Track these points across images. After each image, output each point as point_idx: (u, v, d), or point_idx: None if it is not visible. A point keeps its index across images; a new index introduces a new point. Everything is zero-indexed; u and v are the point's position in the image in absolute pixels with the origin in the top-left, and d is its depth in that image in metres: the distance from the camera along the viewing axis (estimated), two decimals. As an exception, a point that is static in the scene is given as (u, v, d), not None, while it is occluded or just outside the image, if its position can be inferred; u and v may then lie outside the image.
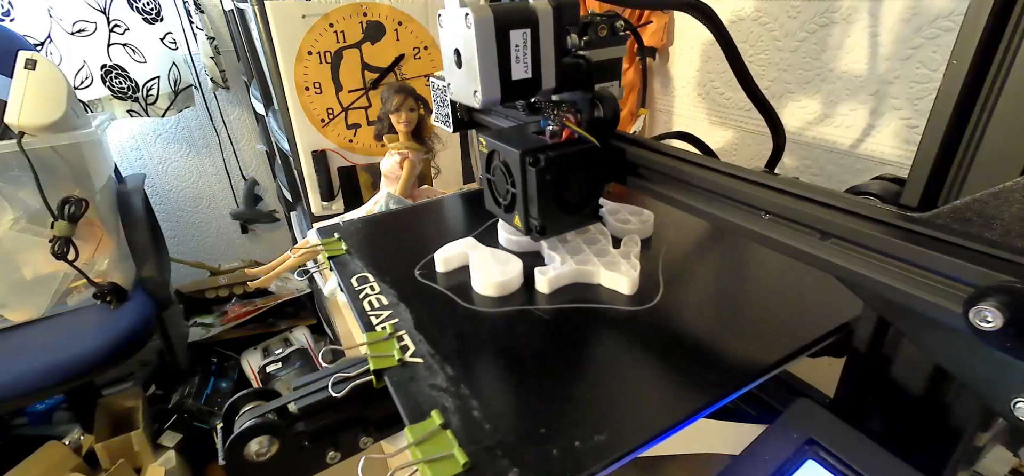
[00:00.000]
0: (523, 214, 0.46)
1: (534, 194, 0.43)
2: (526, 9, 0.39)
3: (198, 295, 1.48)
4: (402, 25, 1.05)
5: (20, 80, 0.86)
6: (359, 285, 0.49)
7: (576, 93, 0.45)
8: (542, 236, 0.46)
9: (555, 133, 0.46)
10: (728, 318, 0.45)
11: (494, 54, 0.39)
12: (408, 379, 0.37)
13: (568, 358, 0.40)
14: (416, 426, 0.32)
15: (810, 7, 0.76)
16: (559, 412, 0.34)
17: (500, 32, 0.38)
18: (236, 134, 1.53)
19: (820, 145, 0.81)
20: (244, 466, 0.35)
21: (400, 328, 0.43)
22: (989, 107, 0.25)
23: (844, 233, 0.29)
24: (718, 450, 0.40)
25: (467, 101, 0.42)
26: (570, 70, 0.43)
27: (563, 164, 0.43)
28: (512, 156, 0.44)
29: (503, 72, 0.39)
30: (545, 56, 0.41)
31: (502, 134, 0.48)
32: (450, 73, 0.43)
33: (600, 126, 0.45)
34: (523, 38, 0.39)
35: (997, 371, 0.26)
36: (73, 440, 1.13)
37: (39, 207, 0.90)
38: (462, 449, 0.30)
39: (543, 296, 0.47)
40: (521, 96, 0.42)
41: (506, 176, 0.46)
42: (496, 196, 0.49)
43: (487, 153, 0.48)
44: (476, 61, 0.38)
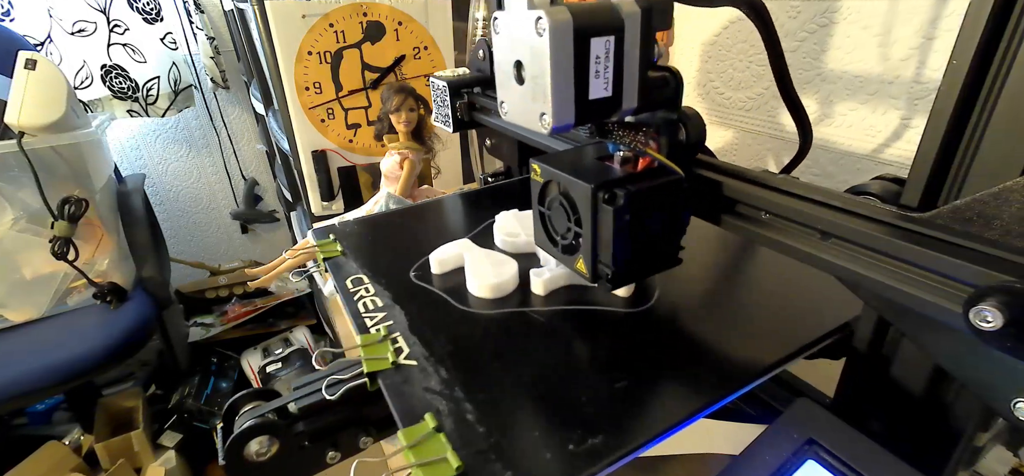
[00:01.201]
0: (590, 259, 0.38)
1: (609, 237, 0.36)
2: (611, 10, 0.31)
3: (198, 295, 1.48)
4: (402, 25, 1.04)
5: (20, 80, 0.86)
6: (354, 287, 0.49)
7: (656, 113, 0.37)
8: (614, 286, 0.39)
9: (627, 160, 0.38)
10: (727, 318, 0.45)
11: (571, 68, 0.31)
12: (402, 382, 0.37)
13: (562, 360, 0.39)
14: (410, 429, 0.32)
15: (810, 7, 0.76)
16: (553, 415, 0.34)
17: (579, 40, 0.30)
18: (236, 134, 1.53)
19: (820, 145, 0.81)
20: (244, 466, 0.35)
21: (394, 330, 0.42)
22: (989, 107, 0.25)
23: (844, 233, 0.29)
24: (718, 450, 0.40)
25: (530, 125, 0.34)
26: (656, 86, 0.35)
27: (646, 201, 0.35)
28: (580, 190, 0.36)
29: (579, 90, 0.32)
30: (629, 70, 0.33)
31: (562, 161, 0.41)
32: (506, 90, 0.35)
33: (683, 152, 0.37)
34: (606, 48, 0.32)
35: (997, 371, 0.26)
36: (73, 440, 1.13)
37: (39, 207, 0.90)
38: (455, 453, 0.30)
39: (538, 298, 0.46)
40: (597, 118, 0.35)
41: (568, 213, 0.39)
42: (552, 233, 0.42)
43: (542, 183, 0.41)
44: (548, 77, 0.31)
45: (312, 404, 0.36)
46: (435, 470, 0.29)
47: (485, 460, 0.30)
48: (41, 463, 1.01)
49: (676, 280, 0.48)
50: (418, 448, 0.31)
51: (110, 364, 0.93)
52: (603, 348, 0.40)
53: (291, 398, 0.37)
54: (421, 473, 0.29)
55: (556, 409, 0.34)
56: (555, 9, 0.30)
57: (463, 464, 0.30)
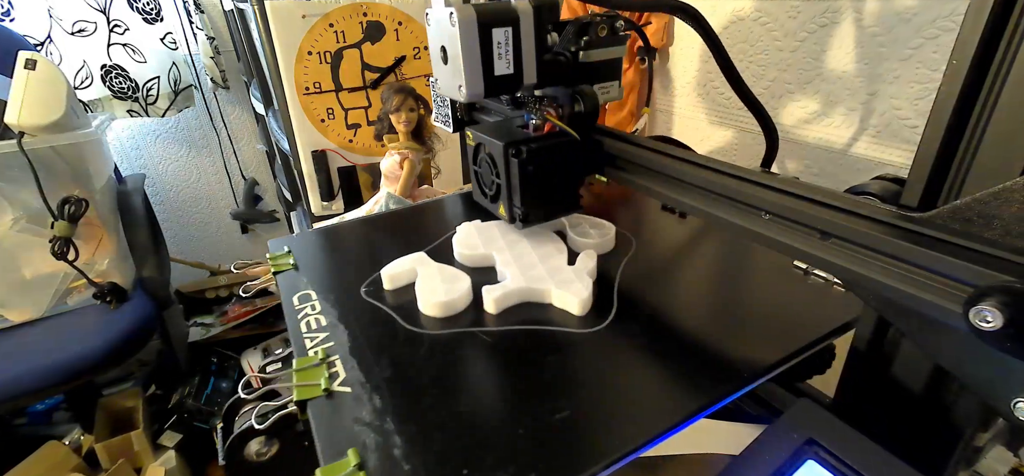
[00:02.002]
0: (507, 203, 0.49)
1: (517, 184, 0.46)
2: (507, 8, 0.42)
3: (198, 295, 1.48)
4: (402, 25, 1.04)
5: (20, 80, 0.86)
6: (300, 304, 0.46)
7: (558, 88, 0.48)
8: (525, 224, 0.48)
9: (538, 127, 0.48)
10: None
11: (477, 51, 0.41)
12: (331, 412, 0.35)
13: (505, 386, 0.37)
14: (329, 467, 0.30)
15: (810, 7, 0.76)
16: (488, 448, 0.32)
17: (483, 30, 0.41)
18: (236, 134, 1.53)
19: (820, 145, 0.81)
20: (244, 466, 0.35)
21: (334, 352, 0.40)
22: (989, 107, 0.25)
23: (844, 233, 0.29)
24: (718, 450, 0.40)
25: (453, 95, 0.45)
26: (551, 66, 0.46)
27: (544, 156, 0.46)
28: (496, 148, 0.47)
29: (486, 68, 0.42)
30: (526, 53, 0.44)
31: (487, 127, 0.51)
32: (437, 68, 0.47)
33: (581, 120, 0.47)
34: (505, 36, 0.42)
35: (997, 371, 0.26)
36: (73, 440, 1.13)
37: (39, 207, 0.90)
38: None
39: (491, 316, 0.45)
40: (504, 91, 0.45)
41: (491, 167, 0.49)
42: (483, 187, 0.52)
43: (474, 146, 0.51)
44: (461, 58, 0.41)
45: (312, 404, 0.36)
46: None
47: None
48: (41, 463, 1.01)
49: (637, 298, 0.46)
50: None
51: (110, 364, 0.93)
52: (550, 372, 0.38)
53: (291, 398, 0.37)
54: None
55: (491, 442, 0.32)
56: (464, 6, 0.41)
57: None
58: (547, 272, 0.47)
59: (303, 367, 0.38)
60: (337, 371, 0.38)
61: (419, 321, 0.44)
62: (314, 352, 0.40)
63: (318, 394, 0.36)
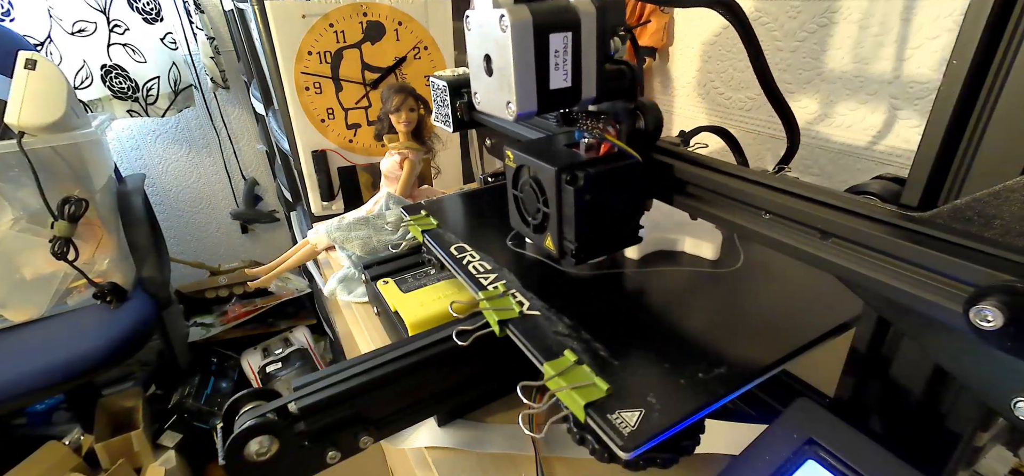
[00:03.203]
0: (556, 236, 0.41)
1: (571, 215, 0.39)
2: (568, 9, 0.35)
3: (198, 295, 1.48)
4: (402, 25, 1.04)
5: (20, 80, 0.86)
6: (459, 253, 0.52)
7: (615, 103, 0.41)
8: (578, 261, 0.41)
9: (591, 146, 0.42)
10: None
11: (532, 61, 0.34)
12: (531, 328, 0.40)
13: (667, 312, 0.43)
14: (553, 362, 0.35)
15: (810, 7, 0.76)
16: (675, 351, 0.37)
17: (539, 36, 0.34)
18: (236, 134, 1.53)
19: (820, 145, 0.81)
20: (244, 466, 0.35)
21: (510, 288, 0.45)
22: (989, 107, 0.25)
23: (844, 233, 0.29)
24: (718, 450, 0.40)
25: (498, 113, 0.37)
26: (613, 78, 0.39)
27: (604, 182, 0.39)
28: (546, 173, 0.40)
29: (540, 80, 0.35)
30: (586, 63, 0.37)
31: (532, 147, 0.44)
32: (478, 81, 0.39)
33: (642, 139, 0.41)
34: (564, 43, 0.35)
35: (997, 371, 0.26)
36: (73, 440, 1.13)
37: (39, 207, 0.90)
38: (601, 378, 0.33)
39: (631, 261, 0.50)
40: (559, 106, 0.38)
41: (537, 194, 0.42)
42: (524, 215, 0.45)
43: (515, 168, 0.44)
44: (512, 69, 0.34)
45: (312, 404, 0.36)
46: (586, 393, 0.33)
47: (627, 385, 0.34)
48: (41, 463, 1.01)
49: (749, 251, 0.51)
50: (566, 376, 0.34)
51: (110, 364, 0.93)
52: (700, 301, 0.45)
53: (291, 398, 0.37)
54: (576, 394, 0.32)
55: (675, 345, 0.38)
56: (517, 7, 0.33)
57: (610, 387, 0.33)
58: (676, 225, 0.52)
59: (491, 298, 0.43)
60: (521, 300, 0.43)
61: (564, 265, 0.49)
62: (493, 287, 0.45)
63: (514, 315, 0.41)
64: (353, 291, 0.71)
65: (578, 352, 0.36)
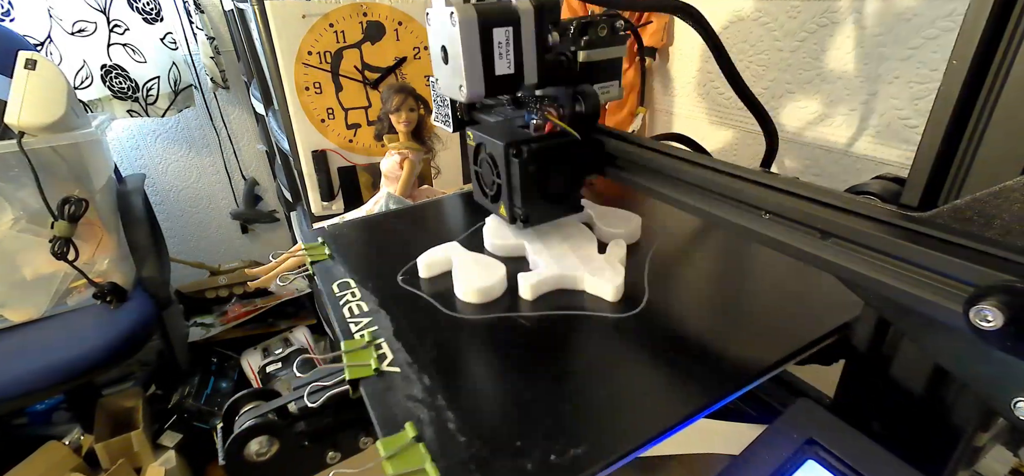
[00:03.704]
0: (508, 203, 0.48)
1: (518, 184, 0.46)
2: (508, 8, 0.41)
3: (198, 295, 1.48)
4: (402, 25, 1.05)
5: (20, 80, 0.86)
6: (340, 292, 0.48)
7: (559, 88, 0.48)
8: (526, 224, 0.48)
9: (538, 127, 0.48)
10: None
11: (478, 50, 0.41)
12: (384, 389, 0.36)
13: (549, 367, 0.39)
14: (389, 439, 0.32)
15: (810, 7, 0.76)
16: (536, 424, 0.33)
17: (484, 30, 0.40)
18: (236, 134, 1.53)
19: (820, 145, 0.81)
20: (244, 466, 0.35)
21: (379, 336, 0.42)
22: (989, 107, 0.25)
23: (844, 233, 0.29)
24: (718, 450, 0.40)
25: (453, 95, 0.45)
26: (552, 66, 0.46)
27: (545, 155, 0.46)
28: (497, 148, 0.47)
29: (487, 68, 0.42)
30: (527, 53, 0.43)
31: (487, 127, 0.51)
32: (438, 68, 0.46)
33: (582, 120, 0.47)
34: (506, 36, 0.42)
35: (997, 371, 0.26)
36: (73, 440, 1.13)
37: (39, 207, 0.90)
38: (434, 464, 0.30)
39: (526, 302, 0.46)
40: (505, 91, 0.45)
41: (492, 167, 0.49)
42: (483, 187, 0.52)
43: (474, 146, 0.51)
44: (461, 58, 0.41)
45: (312, 404, 0.36)
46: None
47: (465, 470, 0.30)
48: (41, 463, 1.01)
49: (667, 286, 0.48)
50: (397, 458, 0.31)
51: (110, 364, 0.93)
52: (590, 354, 0.40)
53: (291, 398, 0.37)
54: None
55: (539, 417, 0.34)
56: (465, 6, 0.40)
57: (441, 474, 0.29)
58: (579, 260, 0.49)
59: (352, 349, 0.40)
60: (384, 352, 0.40)
61: (456, 307, 0.46)
62: (360, 335, 0.42)
63: (369, 373, 0.38)
64: (353, 291, 0.71)
65: (423, 424, 0.33)
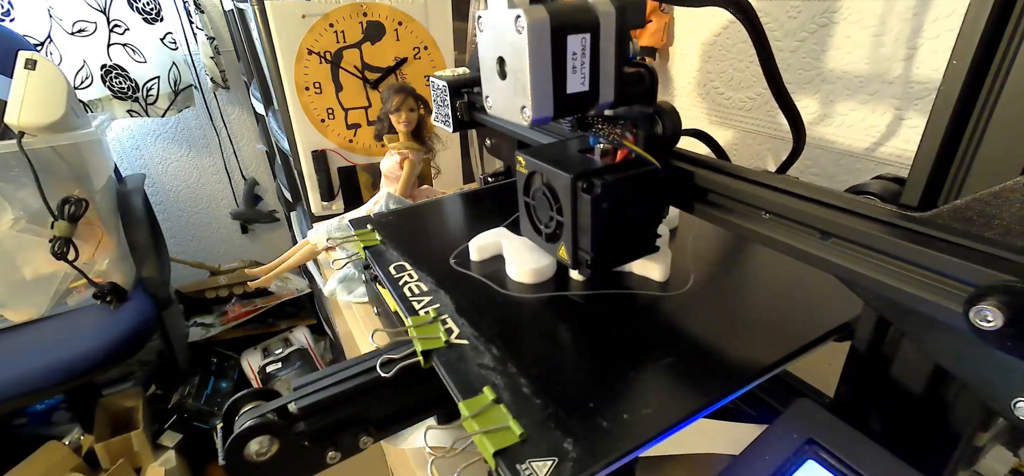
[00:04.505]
0: (571, 245, 0.40)
1: (587, 224, 0.38)
2: (587, 9, 0.33)
3: (198, 295, 1.48)
4: (402, 25, 1.04)
5: (20, 80, 0.86)
6: (397, 273, 0.50)
7: (633, 108, 0.39)
8: (592, 271, 0.41)
9: (606, 152, 0.40)
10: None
11: (549, 63, 0.32)
12: (456, 359, 0.38)
13: (605, 340, 0.40)
14: (470, 401, 0.33)
15: (810, 7, 0.76)
16: (603, 390, 0.35)
17: (556, 37, 0.32)
18: (236, 134, 1.53)
19: (820, 145, 0.81)
20: (244, 466, 0.35)
21: (442, 312, 0.43)
22: (989, 107, 0.25)
23: (844, 233, 0.29)
24: (718, 450, 0.40)
25: (512, 118, 0.35)
26: (631, 81, 0.37)
27: (622, 190, 0.37)
28: (561, 180, 0.38)
29: (557, 84, 0.33)
30: (605, 65, 0.35)
31: (545, 153, 0.43)
32: (490, 85, 0.37)
33: (660, 144, 0.39)
34: (582, 45, 0.33)
35: (997, 371, 0.26)
36: (73, 440, 1.13)
37: (39, 207, 0.90)
38: (517, 421, 0.31)
39: (576, 283, 0.48)
40: (575, 111, 0.36)
41: (551, 202, 0.40)
42: (536, 222, 0.44)
43: (527, 174, 0.43)
44: (527, 72, 0.32)
45: (312, 404, 0.36)
46: (499, 437, 0.31)
47: (544, 428, 0.32)
48: (41, 463, 1.01)
49: (708, 269, 0.50)
50: (481, 417, 0.32)
51: (110, 364, 0.93)
52: (642, 328, 0.42)
53: (291, 398, 0.37)
54: (486, 440, 0.31)
55: (605, 384, 0.35)
56: (534, 8, 0.31)
57: (525, 431, 0.31)
58: None
59: (420, 324, 0.41)
60: (450, 327, 0.41)
61: (508, 287, 0.47)
62: (424, 312, 0.43)
63: (440, 345, 0.39)
64: (353, 291, 0.71)
65: (499, 389, 0.34)
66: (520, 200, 0.45)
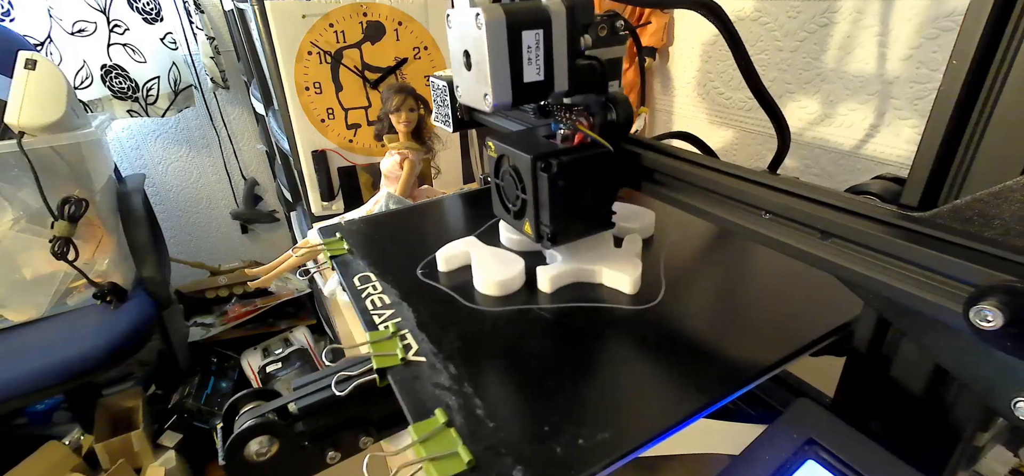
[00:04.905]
0: (533, 220, 0.44)
1: (546, 200, 0.42)
2: (538, 9, 0.38)
3: (198, 295, 1.48)
4: (402, 25, 1.05)
5: (20, 80, 0.86)
6: (361, 284, 0.49)
7: (588, 96, 0.44)
8: (553, 243, 0.44)
9: (566, 137, 0.45)
10: (729, 318, 0.45)
11: (506, 56, 0.37)
12: (412, 378, 0.37)
13: (570, 357, 0.39)
14: (420, 424, 0.32)
15: (810, 7, 0.76)
16: (562, 411, 0.34)
17: (512, 33, 0.37)
18: (236, 134, 1.53)
19: (820, 145, 0.81)
20: (244, 466, 0.35)
21: (403, 327, 0.42)
22: (989, 107, 0.25)
23: (844, 233, 0.29)
24: (718, 450, 0.40)
25: (477, 104, 0.41)
26: (584, 72, 0.42)
27: (576, 169, 0.42)
28: (523, 161, 0.43)
29: (514, 74, 0.38)
30: (558, 57, 0.40)
31: (511, 138, 0.47)
32: (459, 75, 0.42)
33: (613, 130, 0.43)
34: (535, 39, 0.38)
35: (997, 371, 0.26)
36: (73, 440, 1.13)
37: (39, 207, 0.90)
38: (466, 447, 0.31)
39: (545, 295, 0.47)
40: (533, 99, 0.41)
41: (516, 181, 0.45)
42: (506, 202, 0.48)
43: (496, 157, 0.47)
44: (487, 63, 0.37)
45: (312, 404, 0.36)
46: (446, 465, 0.30)
47: (495, 454, 0.31)
48: (41, 463, 1.01)
49: (681, 280, 0.48)
50: (429, 443, 0.31)
51: (110, 364, 0.93)
52: (609, 345, 0.41)
53: (291, 398, 0.37)
54: (432, 467, 0.30)
55: (565, 404, 0.34)
56: (491, 6, 0.36)
57: (474, 458, 0.30)
58: (596, 254, 0.49)
59: (378, 339, 0.40)
60: (409, 343, 0.41)
61: (475, 299, 0.47)
62: (384, 327, 0.42)
63: (396, 362, 0.38)
64: (353, 291, 0.71)
65: (452, 411, 0.34)
66: (491, 181, 0.49)
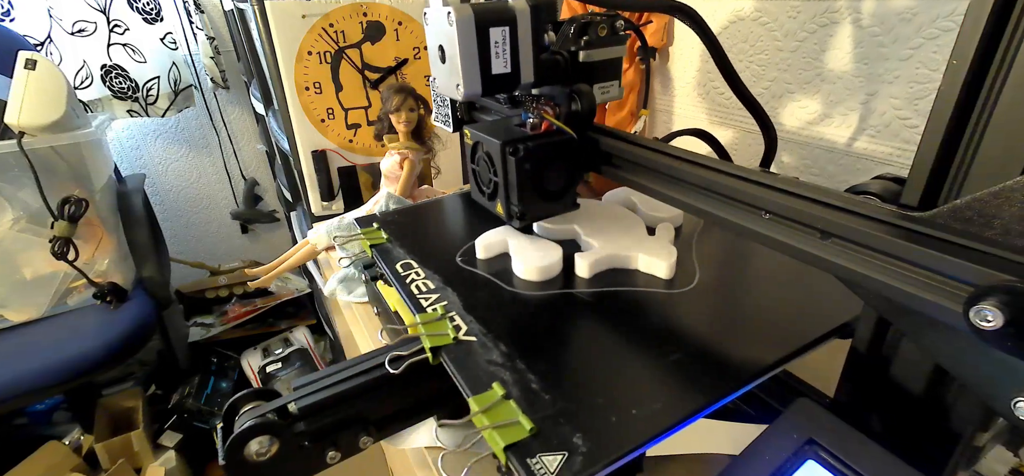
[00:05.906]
0: (504, 201, 0.49)
1: (514, 182, 0.47)
2: (505, 8, 0.42)
3: (198, 295, 1.48)
4: (402, 25, 1.04)
5: (20, 80, 0.86)
6: (404, 271, 0.51)
7: (555, 88, 0.48)
8: (522, 222, 0.49)
9: (535, 125, 0.49)
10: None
11: (475, 50, 0.42)
12: (464, 355, 0.38)
13: (611, 336, 0.41)
14: (480, 396, 0.34)
15: (810, 7, 0.76)
16: (612, 385, 0.35)
17: (480, 29, 0.41)
18: (236, 134, 1.53)
19: (820, 145, 0.81)
20: (244, 466, 0.35)
21: (450, 310, 0.44)
22: (989, 107, 0.25)
23: (844, 233, 0.29)
24: (718, 450, 0.40)
25: (451, 94, 0.45)
26: (548, 66, 0.46)
27: (541, 154, 0.46)
28: (493, 146, 0.47)
29: (483, 67, 0.43)
30: (524, 52, 0.44)
31: (485, 126, 0.51)
32: (435, 68, 0.47)
33: (577, 119, 0.47)
34: (502, 35, 0.42)
35: (997, 371, 0.26)
36: (73, 440, 1.13)
37: (39, 207, 0.90)
38: (527, 416, 0.32)
39: (582, 280, 0.49)
40: (501, 90, 0.45)
41: (489, 165, 0.49)
42: (480, 185, 0.52)
43: (472, 144, 0.51)
44: (458, 57, 0.41)
45: (312, 404, 0.36)
46: (509, 432, 0.31)
47: (554, 423, 0.32)
48: (41, 463, 1.01)
49: (712, 267, 0.50)
50: (490, 412, 0.33)
51: (110, 364, 0.93)
52: (650, 324, 0.42)
53: (291, 398, 0.37)
54: (496, 434, 0.31)
55: (614, 379, 0.36)
56: (461, 5, 0.41)
57: (535, 426, 0.32)
58: (632, 241, 0.51)
59: (428, 321, 0.42)
60: (458, 324, 0.42)
61: (515, 284, 0.48)
62: (432, 309, 0.44)
63: (448, 342, 0.40)
64: (353, 291, 0.71)
65: (508, 384, 0.35)
66: (469, 167, 0.53)
